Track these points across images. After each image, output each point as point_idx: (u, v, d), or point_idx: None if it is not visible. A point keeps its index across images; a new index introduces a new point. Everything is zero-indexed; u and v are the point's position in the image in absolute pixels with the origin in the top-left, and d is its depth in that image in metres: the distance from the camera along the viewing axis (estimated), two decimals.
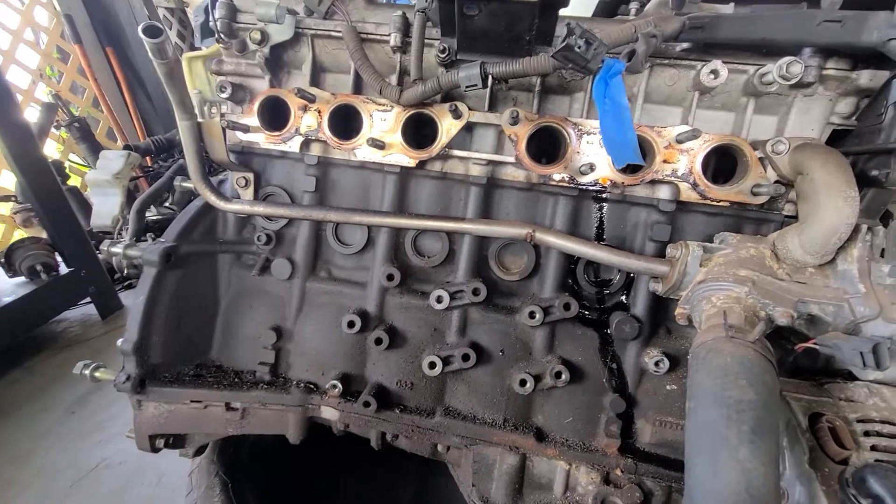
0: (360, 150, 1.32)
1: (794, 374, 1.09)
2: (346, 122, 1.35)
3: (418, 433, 1.34)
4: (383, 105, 1.30)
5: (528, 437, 1.27)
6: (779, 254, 1.05)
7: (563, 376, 1.25)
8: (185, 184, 1.57)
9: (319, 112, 1.32)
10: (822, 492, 0.76)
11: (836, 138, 1.16)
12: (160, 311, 1.34)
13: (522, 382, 1.27)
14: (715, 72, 1.09)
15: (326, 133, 1.32)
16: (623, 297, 1.33)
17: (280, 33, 1.27)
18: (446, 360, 1.32)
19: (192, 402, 1.33)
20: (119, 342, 1.29)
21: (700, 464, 0.72)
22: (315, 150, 1.38)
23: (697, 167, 1.16)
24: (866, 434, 0.82)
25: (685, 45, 1.12)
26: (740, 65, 1.10)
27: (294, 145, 1.35)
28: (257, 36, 1.26)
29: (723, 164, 1.25)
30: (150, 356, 1.33)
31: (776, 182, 1.12)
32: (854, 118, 1.11)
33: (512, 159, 1.26)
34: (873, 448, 0.80)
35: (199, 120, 1.29)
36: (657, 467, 1.22)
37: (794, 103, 1.12)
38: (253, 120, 1.34)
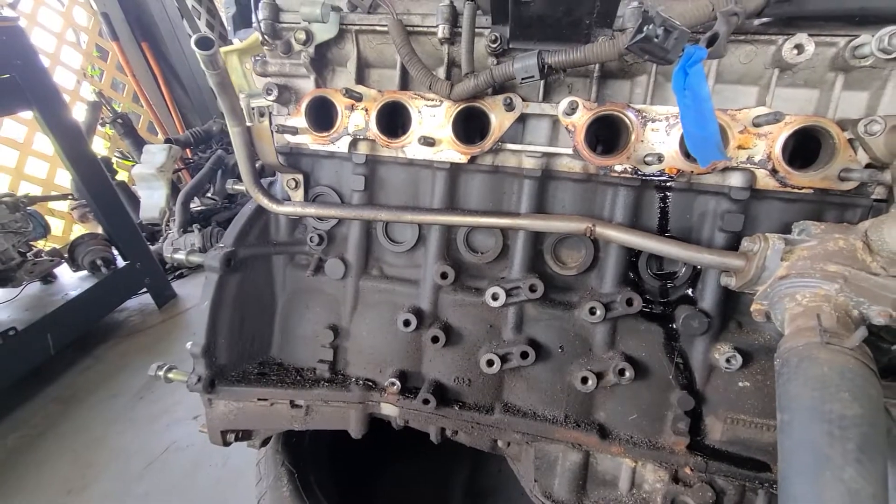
0: (410, 147, 1.29)
1: (886, 374, 1.02)
2: (392, 118, 1.32)
3: (478, 429, 1.34)
4: (432, 100, 1.25)
5: (591, 434, 1.26)
6: (872, 245, 0.97)
7: (628, 374, 1.22)
8: (236, 186, 1.59)
9: (367, 110, 1.29)
10: None
11: None
12: (224, 314, 1.38)
13: (584, 380, 1.25)
14: (799, 46, 0.99)
15: (374, 131, 1.29)
16: (689, 291, 1.27)
17: (325, 31, 1.24)
18: (504, 358, 1.31)
19: (258, 399, 1.38)
20: (188, 345, 1.35)
21: (799, 484, 0.68)
22: (363, 148, 1.36)
23: (777, 152, 1.07)
24: None
25: (765, 18, 1.01)
26: (829, 37, 1.00)
27: (343, 145, 1.33)
28: (302, 36, 1.24)
29: (800, 145, 1.15)
30: (218, 357, 1.38)
31: (868, 166, 1.02)
32: None
33: (568, 150, 1.20)
34: None
35: (249, 124, 1.30)
36: (729, 466, 1.19)
37: (891, 77, 1.01)
38: (300, 121, 1.33)
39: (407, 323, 1.36)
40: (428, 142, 1.25)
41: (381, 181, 1.42)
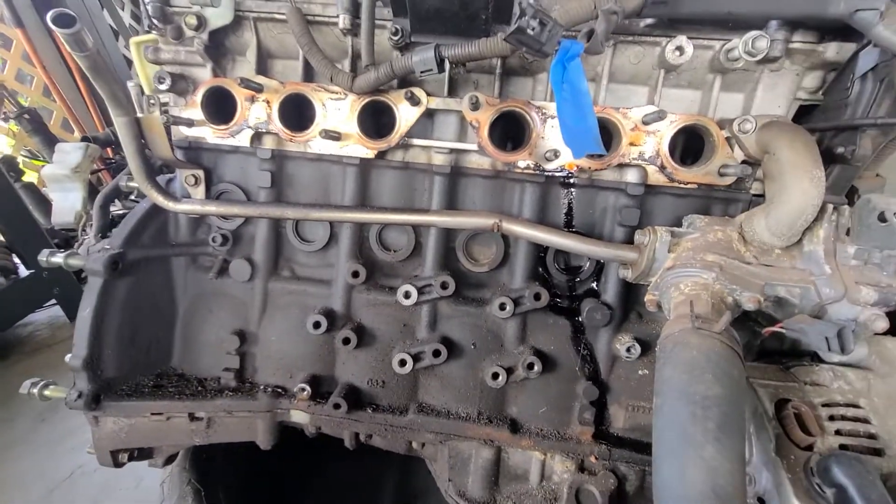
0: (315, 142, 1.24)
1: (761, 357, 1.09)
2: (299, 112, 1.27)
3: (392, 431, 1.31)
4: (337, 93, 1.22)
5: (503, 429, 1.26)
6: (746, 236, 1.03)
7: (536, 367, 1.23)
8: (130, 183, 1.47)
9: (268, 102, 1.23)
10: (788, 479, 0.75)
11: (803, 114, 1.13)
12: (111, 322, 1.26)
13: (495, 376, 1.25)
14: (680, 48, 1.05)
15: (277, 125, 1.24)
16: (594, 284, 1.31)
17: (218, 17, 1.17)
18: (417, 357, 1.28)
19: (153, 414, 1.27)
20: (67, 358, 1.22)
21: (667, 464, 0.71)
22: (268, 143, 1.30)
23: (665, 149, 1.12)
24: (831, 419, 0.82)
25: (649, 20, 1.06)
26: (706, 40, 1.06)
27: (244, 139, 1.26)
28: (193, 21, 1.16)
29: (690, 143, 1.22)
30: (104, 370, 1.26)
31: (743, 162, 1.09)
32: (820, 93, 1.08)
33: (475, 147, 1.21)
34: (837, 433, 0.80)
35: (139, 115, 1.20)
36: (630, 452, 1.23)
37: (761, 79, 1.09)
38: (197, 113, 1.25)
39: (317, 325, 1.30)
40: (332, 136, 1.21)
41: (290, 177, 1.36)
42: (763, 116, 1.07)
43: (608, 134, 1.17)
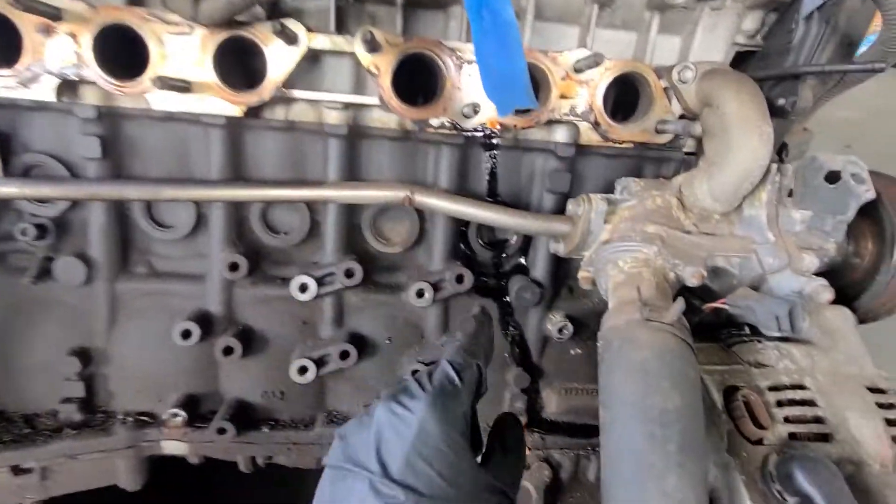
0: (155, 95, 0.91)
1: (696, 330, 1.03)
2: (134, 53, 0.92)
3: (297, 449, 1.10)
4: (178, 26, 0.89)
5: None
6: (685, 202, 0.93)
7: None
8: None
9: (74, 36, 0.87)
10: (743, 483, 0.67)
11: (739, 61, 1.03)
12: None
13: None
14: None
15: (94, 70, 0.88)
16: (522, 259, 1.16)
17: None
18: (320, 362, 1.07)
19: None
20: None
21: (623, 496, 0.58)
22: (89, 96, 0.94)
23: (598, 102, 0.96)
24: (779, 404, 0.75)
25: None
26: None
27: (46, 90, 0.90)
28: None
29: (621, 98, 1.07)
30: None
31: (681, 117, 0.97)
32: (760, 37, 0.97)
33: (377, 101, 0.96)
34: (787, 420, 0.73)
35: None
36: (564, 437, 1.15)
37: (701, 19, 0.95)
38: None
39: (187, 334, 1.02)
40: (176, 85, 0.89)
41: (131, 144, 1.02)
42: (703, 63, 0.94)
43: (535, 83, 0.98)
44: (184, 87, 0.90)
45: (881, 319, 0.91)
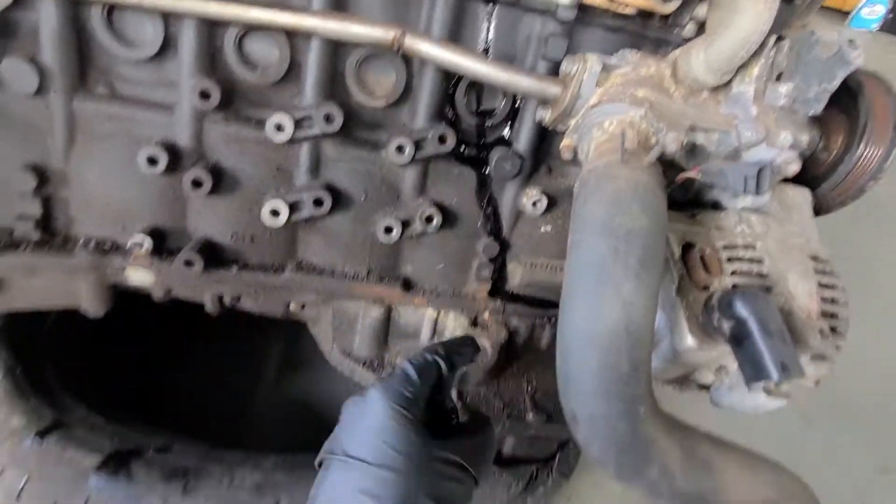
0: None
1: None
2: None
3: (265, 293, 1.12)
4: None
5: (395, 287, 1.14)
6: (678, 73, 0.92)
7: (435, 221, 1.09)
8: None
9: None
10: (685, 317, 0.74)
11: None
12: None
13: (388, 230, 1.08)
14: None
15: None
16: (506, 131, 1.15)
17: None
18: (294, 206, 1.05)
19: None
20: None
21: (579, 304, 0.63)
22: None
23: None
24: (729, 260, 0.80)
25: None
26: None
27: None
28: None
29: None
30: None
31: None
32: None
33: None
34: (733, 273, 0.79)
35: None
36: (524, 307, 1.21)
37: None
38: None
39: (153, 161, 0.98)
40: None
41: None
42: None
43: None
44: None
45: (833, 211, 0.96)
